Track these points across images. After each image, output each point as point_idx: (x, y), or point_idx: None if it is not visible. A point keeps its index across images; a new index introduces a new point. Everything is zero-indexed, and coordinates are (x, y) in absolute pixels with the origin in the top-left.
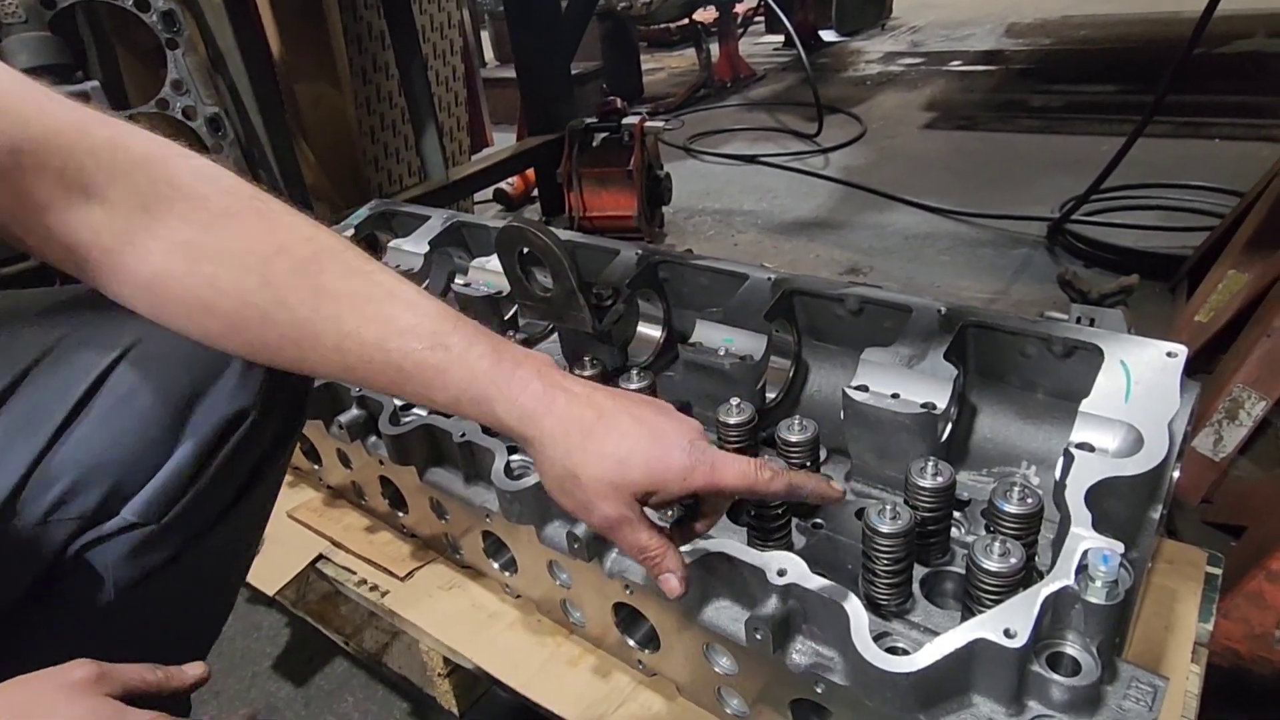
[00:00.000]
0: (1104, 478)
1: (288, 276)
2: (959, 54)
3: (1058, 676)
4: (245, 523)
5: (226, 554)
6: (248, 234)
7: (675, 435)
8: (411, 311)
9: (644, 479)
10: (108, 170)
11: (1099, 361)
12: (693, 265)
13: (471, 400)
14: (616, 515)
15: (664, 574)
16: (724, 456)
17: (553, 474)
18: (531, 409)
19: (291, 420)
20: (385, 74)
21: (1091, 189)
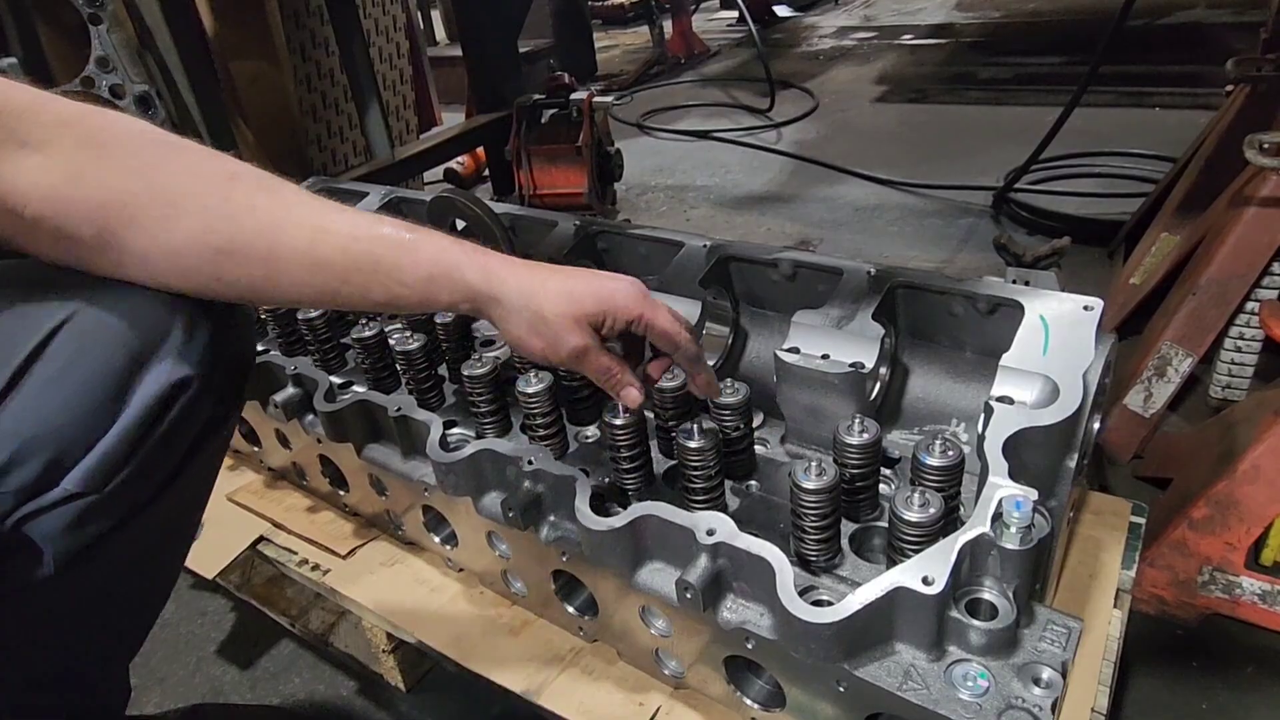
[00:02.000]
0: (1020, 428)
1: (251, 191)
2: (910, 28)
3: (975, 621)
4: (188, 494)
5: (169, 527)
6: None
7: (619, 279)
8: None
9: (596, 306)
10: (39, 123)
11: (1019, 318)
12: (630, 234)
13: (443, 271)
14: (581, 344)
15: (625, 388)
16: (658, 303)
17: (520, 320)
18: (496, 269)
19: (234, 389)
20: (326, 50)
21: (1032, 159)
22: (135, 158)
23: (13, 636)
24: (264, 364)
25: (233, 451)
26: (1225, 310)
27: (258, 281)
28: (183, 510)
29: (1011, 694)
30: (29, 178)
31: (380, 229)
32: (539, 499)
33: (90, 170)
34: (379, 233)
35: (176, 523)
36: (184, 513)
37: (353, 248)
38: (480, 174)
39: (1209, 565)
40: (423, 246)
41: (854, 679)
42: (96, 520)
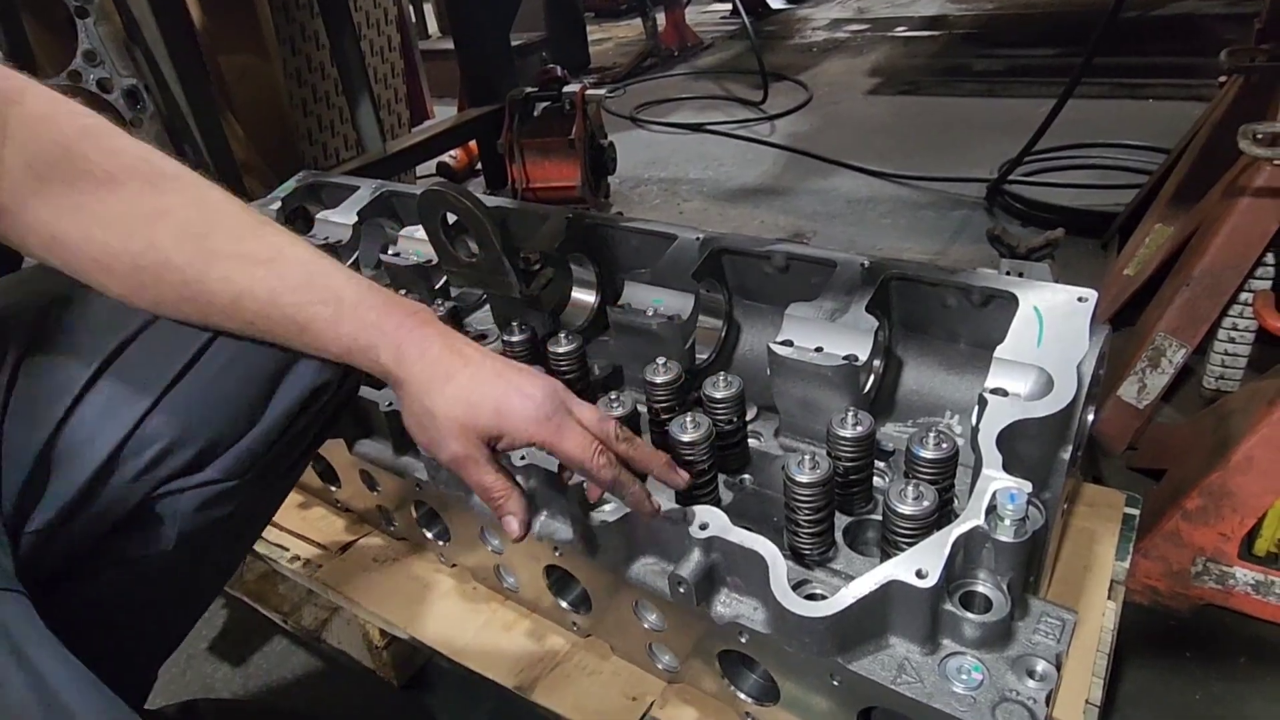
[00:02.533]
0: (1014, 420)
1: (173, 240)
2: (904, 20)
3: (969, 614)
4: (283, 484)
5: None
6: (130, 199)
7: (531, 389)
8: (303, 268)
9: (491, 422)
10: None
11: (1013, 309)
12: (622, 228)
13: (360, 349)
14: (463, 453)
15: (505, 515)
16: (569, 424)
17: (412, 411)
18: (408, 353)
19: (352, 393)
20: (316, 43)
21: (1025, 150)
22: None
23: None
24: None
25: None
26: (1219, 301)
27: (197, 320)
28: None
29: (1006, 686)
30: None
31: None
32: (532, 494)
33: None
34: (301, 302)
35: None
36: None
37: (274, 314)
38: (473, 168)
39: (1202, 556)
40: (343, 322)
41: (848, 673)
42: (223, 505)
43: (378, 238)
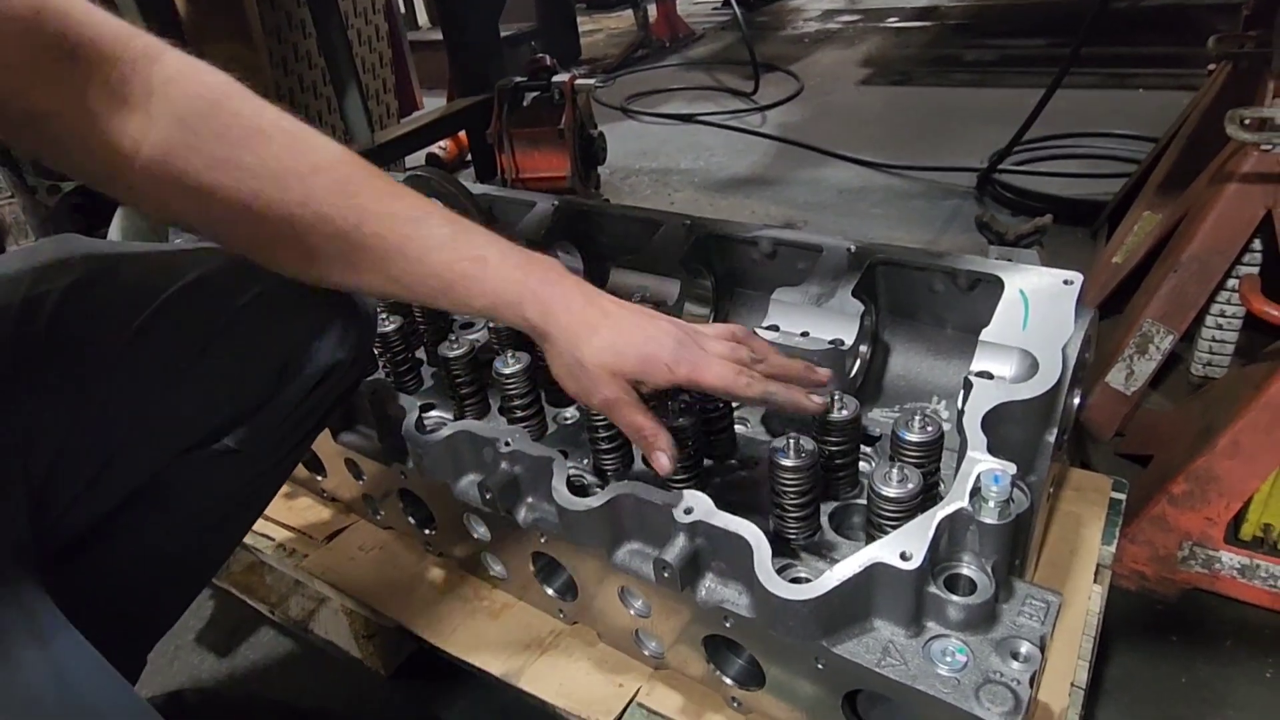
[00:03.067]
0: (999, 403)
1: (328, 194)
2: (896, 10)
3: (953, 596)
4: (295, 456)
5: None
6: (284, 152)
7: (665, 335)
8: (448, 228)
9: (635, 367)
10: (145, 82)
11: (999, 293)
12: (609, 214)
13: (506, 304)
14: (614, 396)
15: (655, 451)
16: (706, 358)
17: (562, 363)
18: (554, 308)
19: (365, 372)
20: (302, 32)
21: (1015, 140)
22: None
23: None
24: None
25: None
26: (1206, 287)
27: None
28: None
29: (990, 668)
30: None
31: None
32: (516, 481)
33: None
34: (449, 260)
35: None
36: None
37: (420, 271)
38: (463, 159)
39: (1189, 540)
40: (489, 280)
41: (832, 656)
42: (233, 475)
43: None
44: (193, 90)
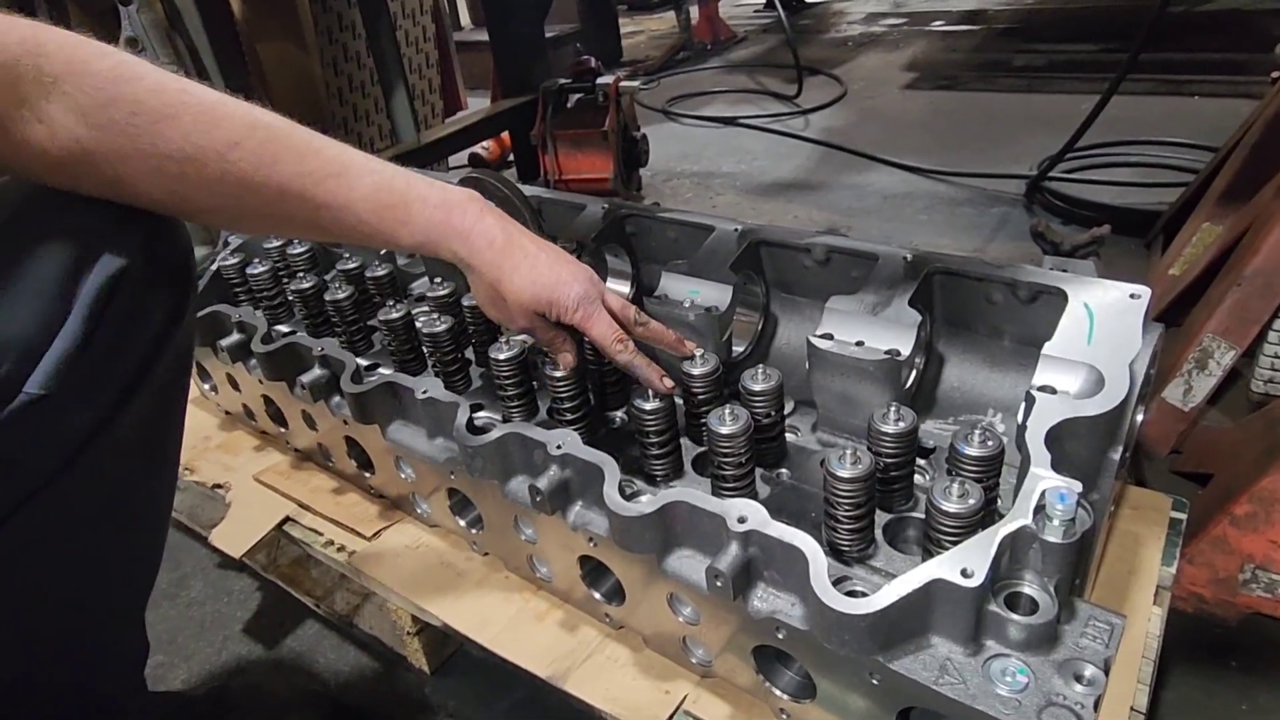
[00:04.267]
0: (1064, 419)
1: (249, 168)
2: (941, 14)
3: (1014, 615)
4: (157, 404)
5: (148, 446)
6: (196, 132)
7: (574, 282)
8: (370, 178)
9: (546, 303)
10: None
11: (1062, 305)
12: (659, 218)
13: (432, 243)
14: (529, 324)
15: (561, 353)
16: (600, 312)
17: (485, 293)
18: (475, 244)
19: (180, 285)
20: (352, 33)
21: (1067, 146)
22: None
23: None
24: (290, 345)
25: (259, 432)
26: (1271, 302)
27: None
28: (157, 427)
29: (1052, 690)
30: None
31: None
32: (567, 484)
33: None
34: (374, 206)
35: (155, 443)
36: (159, 430)
37: (348, 220)
38: (505, 159)
39: (1251, 563)
40: (413, 222)
41: (888, 671)
42: (68, 420)
43: None
44: (88, 83)
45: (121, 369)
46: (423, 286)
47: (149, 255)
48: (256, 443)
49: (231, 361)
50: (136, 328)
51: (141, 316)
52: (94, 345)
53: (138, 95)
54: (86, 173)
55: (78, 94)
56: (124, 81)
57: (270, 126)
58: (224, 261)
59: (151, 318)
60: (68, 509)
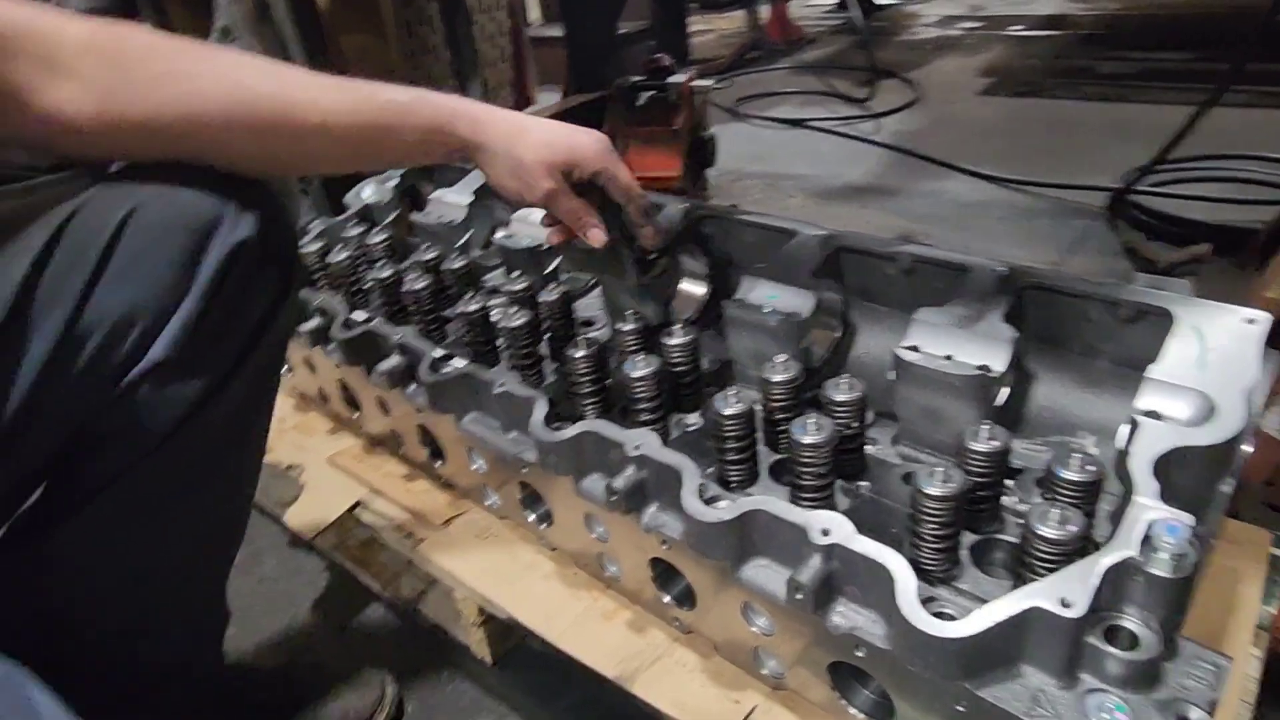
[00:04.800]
0: (1174, 447)
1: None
2: (1021, 18)
3: (1115, 650)
4: (257, 379)
5: (243, 415)
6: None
7: (589, 133)
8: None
9: (566, 155)
10: (68, 50)
11: (1168, 327)
12: (739, 220)
13: (437, 127)
14: (552, 187)
15: (590, 228)
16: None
17: (501, 165)
18: (483, 120)
19: (287, 265)
20: (431, 26)
21: (1158, 158)
22: (153, 67)
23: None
24: (369, 332)
25: (333, 416)
26: None
27: (284, 157)
28: (254, 400)
29: None
30: (75, 104)
31: (379, 98)
32: (643, 484)
33: (121, 91)
34: (380, 102)
35: (250, 415)
36: (256, 403)
37: (356, 121)
38: None
39: None
40: (419, 109)
41: (976, 699)
42: (185, 384)
43: (488, 219)
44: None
45: (232, 341)
46: (497, 279)
47: (262, 235)
48: (330, 426)
49: (310, 345)
50: (248, 303)
51: (253, 293)
52: (211, 316)
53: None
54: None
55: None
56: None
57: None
58: (305, 248)
59: (261, 295)
60: (171, 473)
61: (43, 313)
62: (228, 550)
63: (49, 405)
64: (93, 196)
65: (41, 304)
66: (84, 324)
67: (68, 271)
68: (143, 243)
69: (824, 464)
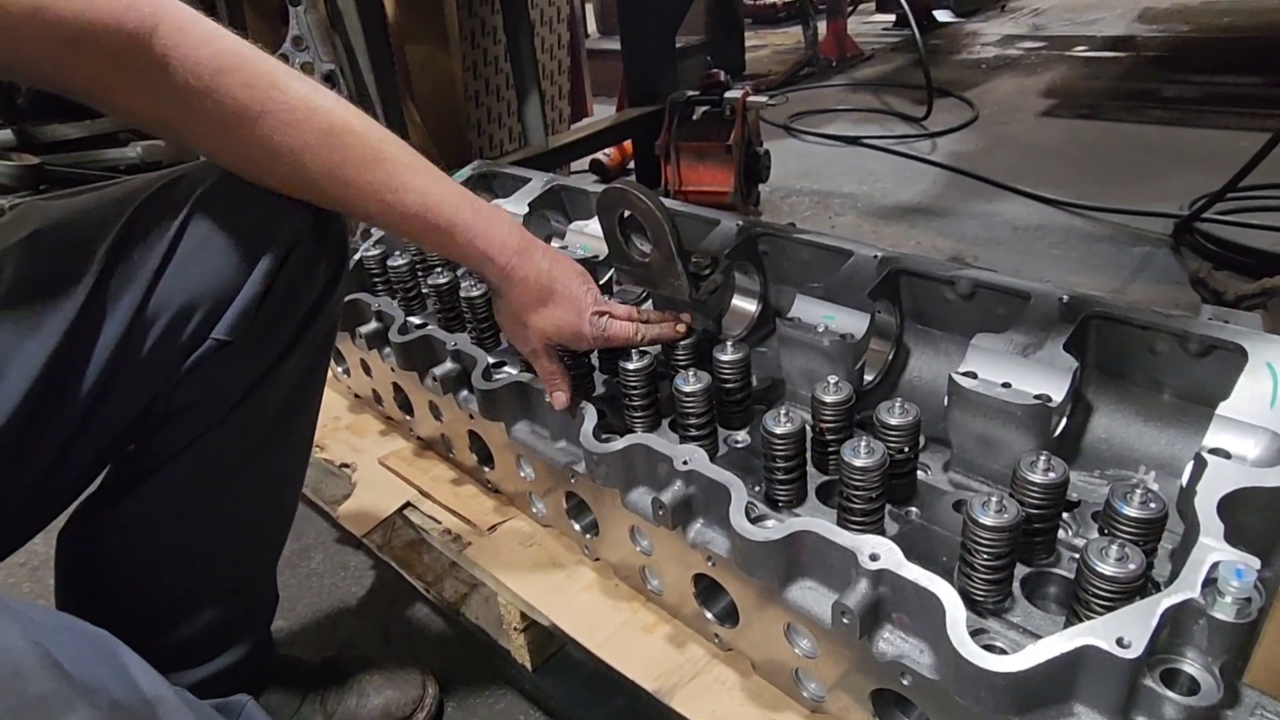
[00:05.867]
0: (1241, 487)
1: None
2: (1084, 39)
3: (1173, 694)
4: (308, 362)
5: (298, 393)
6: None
7: (586, 312)
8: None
9: (564, 340)
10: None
11: (1240, 363)
12: (795, 239)
13: (473, 266)
14: (540, 350)
15: (555, 391)
16: (614, 325)
17: (511, 317)
18: (511, 277)
19: (337, 258)
20: (493, 39)
21: (1229, 185)
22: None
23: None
24: (425, 337)
25: (385, 418)
26: None
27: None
28: (304, 384)
29: None
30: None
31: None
32: (690, 500)
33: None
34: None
35: (301, 398)
36: (306, 388)
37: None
38: (624, 166)
39: None
40: (455, 244)
41: None
42: (244, 364)
43: (544, 229)
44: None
45: (288, 323)
46: None
47: (316, 227)
48: (382, 427)
49: (367, 348)
50: (303, 288)
51: (307, 279)
52: (269, 300)
53: (230, 88)
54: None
55: (179, 73)
56: (219, 74)
57: (342, 134)
58: (366, 252)
59: (315, 281)
60: (231, 444)
61: (119, 294)
62: (278, 532)
63: (122, 382)
64: (163, 185)
65: (118, 285)
66: (154, 305)
67: (142, 256)
68: (208, 231)
69: (874, 488)
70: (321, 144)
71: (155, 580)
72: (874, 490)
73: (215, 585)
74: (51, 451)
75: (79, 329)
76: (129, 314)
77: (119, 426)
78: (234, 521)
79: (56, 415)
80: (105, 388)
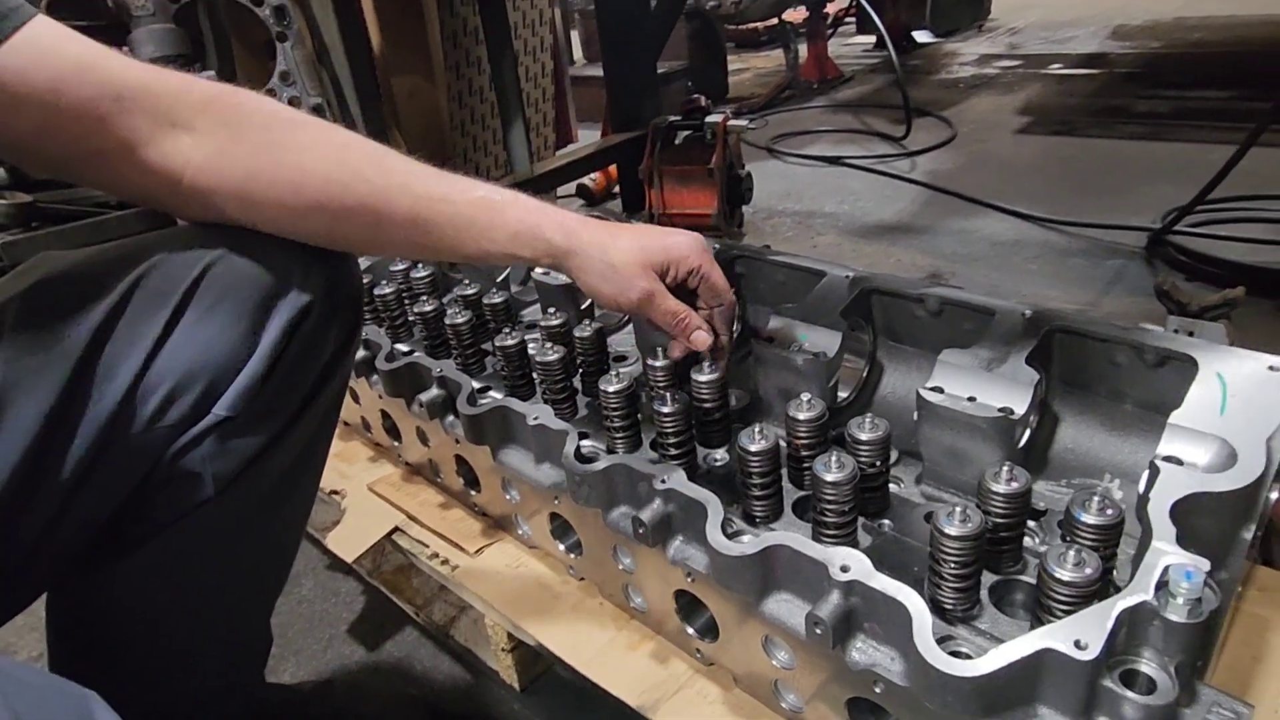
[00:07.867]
0: (1191, 492)
1: (361, 159)
2: (1059, 57)
3: (1131, 693)
4: (319, 422)
5: (304, 454)
6: (319, 134)
7: (683, 234)
8: (463, 180)
9: (662, 256)
10: (189, 106)
11: (1192, 373)
12: (770, 260)
13: (527, 229)
14: (648, 288)
15: (694, 331)
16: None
17: (593, 270)
18: (574, 227)
19: (351, 322)
20: (478, 69)
21: (1198, 198)
22: (266, 134)
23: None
24: (412, 364)
25: (373, 444)
26: None
27: (367, 238)
28: (312, 446)
29: None
30: (183, 155)
31: (474, 193)
32: (669, 518)
33: (230, 148)
34: (472, 197)
35: (307, 460)
36: (313, 449)
37: (446, 210)
38: (610, 191)
39: None
40: (509, 209)
41: None
42: (246, 439)
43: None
44: (228, 108)
45: (293, 397)
46: (534, 315)
47: (329, 292)
48: (371, 454)
49: (355, 376)
50: (312, 358)
51: (317, 348)
52: (276, 374)
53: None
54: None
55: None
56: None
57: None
58: None
59: (325, 349)
60: (228, 516)
61: (113, 365)
62: (276, 583)
63: (112, 458)
64: (167, 255)
65: (112, 357)
66: (151, 378)
67: (140, 326)
68: (212, 300)
69: (846, 501)
70: (360, 140)
71: (143, 643)
72: (846, 504)
73: (206, 644)
74: (42, 519)
75: (73, 392)
76: (124, 387)
77: (108, 503)
78: (233, 581)
79: (51, 480)
80: (92, 466)
